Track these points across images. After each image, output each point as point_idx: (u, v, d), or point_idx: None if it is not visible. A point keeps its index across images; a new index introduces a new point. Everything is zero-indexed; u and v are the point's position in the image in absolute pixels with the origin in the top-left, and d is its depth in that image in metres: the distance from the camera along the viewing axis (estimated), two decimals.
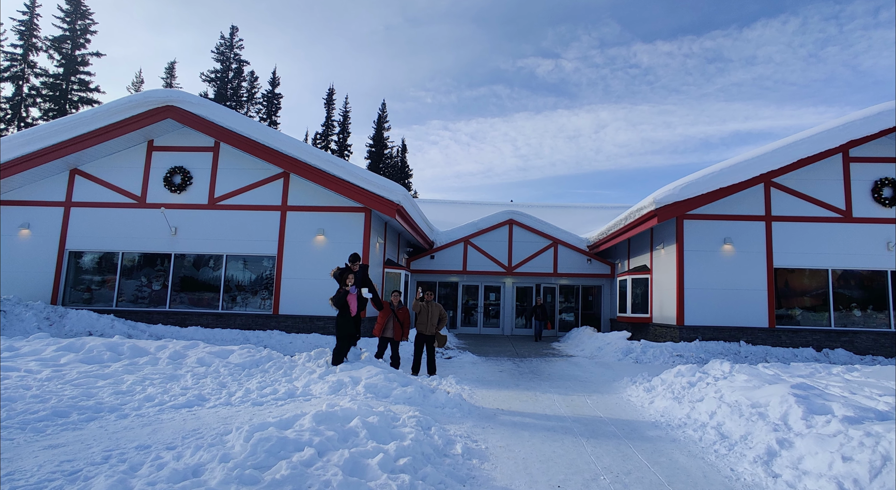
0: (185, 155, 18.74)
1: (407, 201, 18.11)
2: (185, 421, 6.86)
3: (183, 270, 18.31)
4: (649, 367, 14.33)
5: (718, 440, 6.94)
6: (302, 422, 6.09)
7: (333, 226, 17.90)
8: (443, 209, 35.44)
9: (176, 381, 9.29)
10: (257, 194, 18.34)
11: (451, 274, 26.91)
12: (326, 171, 17.13)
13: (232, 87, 56.95)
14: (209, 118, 17.70)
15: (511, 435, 7.23)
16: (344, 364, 10.30)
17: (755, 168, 17.03)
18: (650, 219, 17.57)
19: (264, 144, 17.46)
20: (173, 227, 18.18)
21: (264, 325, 17.48)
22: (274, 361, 11.22)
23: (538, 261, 26.63)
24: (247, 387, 9.10)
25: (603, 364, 15.26)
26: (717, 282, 17.35)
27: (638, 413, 8.86)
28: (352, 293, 10.92)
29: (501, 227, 27.01)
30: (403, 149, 68.08)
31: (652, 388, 10.22)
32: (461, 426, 7.53)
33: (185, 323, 17.68)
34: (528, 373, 13.31)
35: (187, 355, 11.23)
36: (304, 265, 17.72)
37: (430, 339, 12.22)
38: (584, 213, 35.69)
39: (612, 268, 26.33)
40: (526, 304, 27.48)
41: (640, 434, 7.49)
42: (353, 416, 6.44)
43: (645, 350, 16.36)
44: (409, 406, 8.05)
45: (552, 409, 9.05)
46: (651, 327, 19.59)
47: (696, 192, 16.74)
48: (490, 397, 9.91)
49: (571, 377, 12.72)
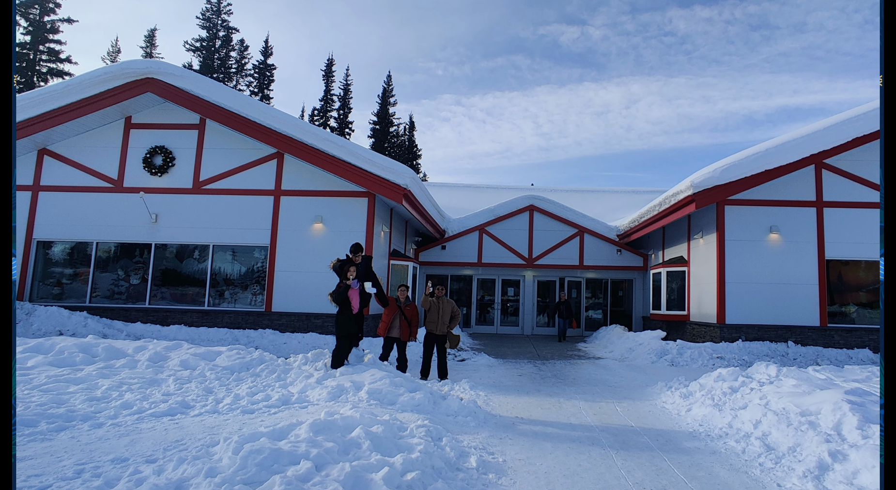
0: (167, 133, 18.79)
1: (415, 185, 18.09)
2: (166, 431, 6.90)
3: (164, 262, 18.40)
4: (686, 371, 14.29)
5: (764, 452, 6.91)
6: (298, 432, 6.10)
7: (333, 212, 17.93)
8: (455, 194, 35.41)
9: (157, 387, 9.33)
10: (248, 177, 18.39)
11: (464, 266, 26.91)
12: (325, 151, 17.13)
13: (219, 58, 57.03)
14: (194, 92, 17.72)
15: (531, 446, 7.23)
16: (345, 367, 10.33)
17: (805, 148, 16.87)
18: (687, 205, 17.48)
19: (255, 121, 17.47)
20: (154, 214, 18.26)
21: (255, 324, 17.57)
22: (266, 364, 11.26)
23: (562, 251, 26.58)
24: (236, 393, 9.14)
25: (634, 367, 15.25)
26: (762, 275, 17.25)
27: (674, 422, 8.84)
28: (353, 288, 10.93)
29: (521, 214, 26.97)
30: (411, 126, 68.13)
31: (689, 393, 10.20)
32: (476, 437, 7.53)
33: (167, 321, 17.79)
34: (550, 377, 13.30)
35: (169, 357, 11.28)
36: (301, 256, 17.78)
37: (440, 340, 12.23)
38: (613, 199, 35.55)
39: (645, 259, 26.26)
40: (548, 299, 27.46)
41: (675, 445, 7.47)
42: (354, 426, 6.46)
43: (681, 351, 16.33)
44: (418, 414, 8.06)
45: (578, 417, 9.04)
46: (688, 326, 19.54)
47: (739, 175, 16.62)
48: (508, 404, 9.91)
49: (599, 382, 12.72)
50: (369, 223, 17.75)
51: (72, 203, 18.54)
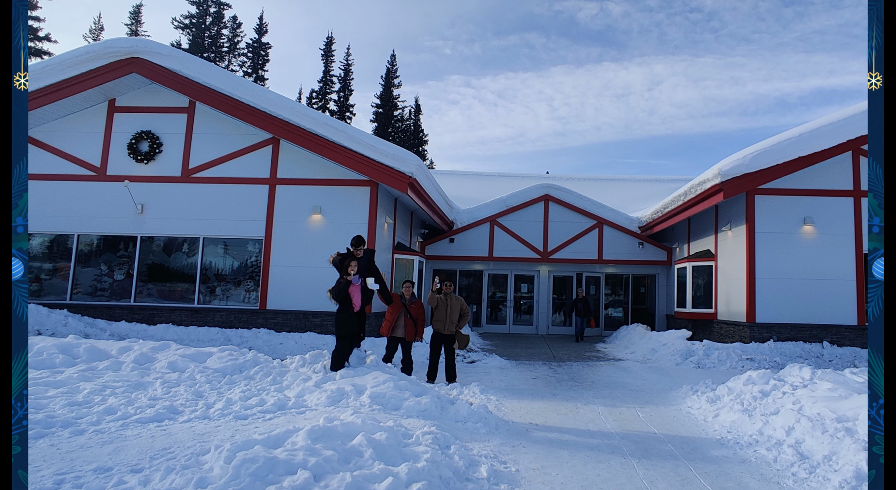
0: (154, 117, 18.82)
1: (421, 173, 18.08)
2: (153, 438, 6.90)
3: (151, 257, 18.46)
4: (713, 373, 14.29)
5: (797, 461, 6.90)
6: (295, 439, 6.11)
7: (333, 203, 17.94)
8: (464, 182, 35.39)
9: (142, 391, 9.35)
10: (241, 165, 18.42)
11: (474, 260, 26.92)
12: (324, 136, 17.13)
13: (210, 36, 57.10)
14: (182, 73, 17.73)
15: (547, 455, 7.23)
16: (345, 369, 10.33)
17: (841, 132, 16.76)
18: (715, 194, 17.42)
19: (249, 104, 17.48)
20: (139, 205, 18.30)
21: (249, 323, 17.62)
22: (261, 366, 11.27)
23: (579, 245, 26.55)
24: (228, 397, 9.15)
25: (657, 369, 15.24)
26: (795, 270, 17.18)
27: (700, 428, 8.84)
28: (355, 284, 10.91)
29: (535, 204, 26.95)
30: (417, 110, 68.08)
31: (717, 398, 10.18)
32: (487, 444, 7.54)
33: (154, 320, 17.86)
34: (567, 380, 13.32)
35: (156, 359, 11.30)
36: (298, 250, 17.80)
37: (448, 340, 12.24)
38: (634, 188, 35.48)
39: (669, 253, 26.21)
40: (565, 296, 27.46)
41: (702, 454, 7.47)
42: (356, 433, 6.46)
43: (708, 352, 16.31)
44: (424, 420, 8.06)
45: (596, 423, 9.05)
46: (715, 325, 19.51)
47: (771, 162, 16.55)
48: (521, 409, 9.92)
49: (619, 385, 12.74)
50: (372, 214, 17.75)
51: (51, 192, 18.55)
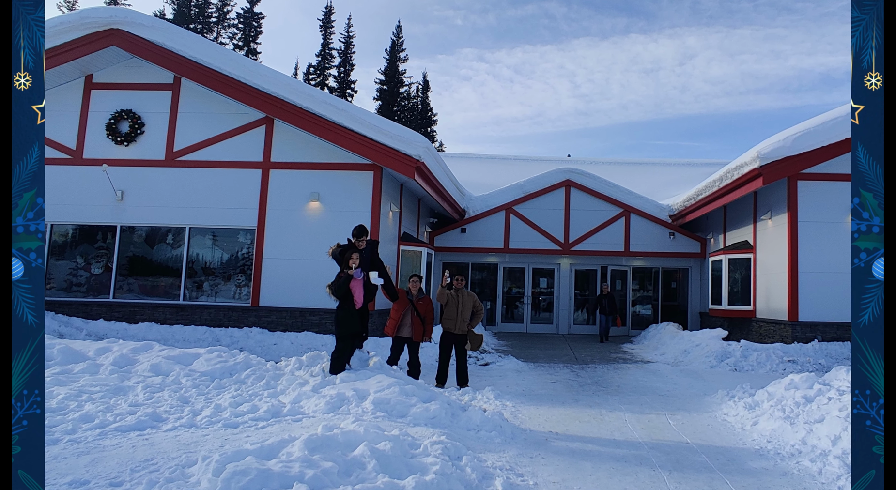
0: (136, 95, 18.86)
1: (430, 156, 18.06)
2: (134, 448, 6.93)
3: (132, 248, 18.52)
4: (752, 377, 14.24)
5: (844, 473, 6.86)
6: (290, 449, 6.13)
7: (332, 189, 17.95)
8: (478, 167, 35.34)
9: (122, 396, 9.36)
10: (231, 147, 18.44)
11: (488, 253, 26.92)
12: (322, 115, 17.12)
13: (197, 5, 57.15)
14: (166, 45, 17.73)
15: (568, 467, 7.23)
16: (346, 373, 10.35)
17: None
18: (753, 179, 17.36)
19: (240, 80, 17.48)
20: (119, 191, 18.33)
21: (240, 321, 17.67)
22: (253, 369, 11.29)
23: (604, 235, 26.49)
24: (217, 403, 9.16)
25: (690, 372, 15.24)
26: (842, 263, 17.00)
27: (737, 438, 8.83)
28: (356, 279, 10.91)
29: (556, 191, 26.91)
30: (425, 87, 67.99)
31: (756, 404, 10.16)
32: (502, 455, 7.55)
33: (135, 318, 17.92)
34: (590, 384, 13.34)
35: (138, 361, 11.33)
36: (294, 241, 17.83)
37: (460, 340, 12.25)
38: (665, 172, 35.36)
39: (703, 244, 26.12)
40: (588, 292, 27.45)
41: (739, 466, 7.46)
42: (358, 442, 6.48)
43: (746, 354, 16.29)
44: (433, 428, 8.07)
45: (623, 432, 9.05)
46: (754, 323, 19.45)
47: (815, 144, 16.46)
48: (540, 417, 9.94)
49: (648, 390, 12.75)
50: (375, 202, 17.76)
51: None
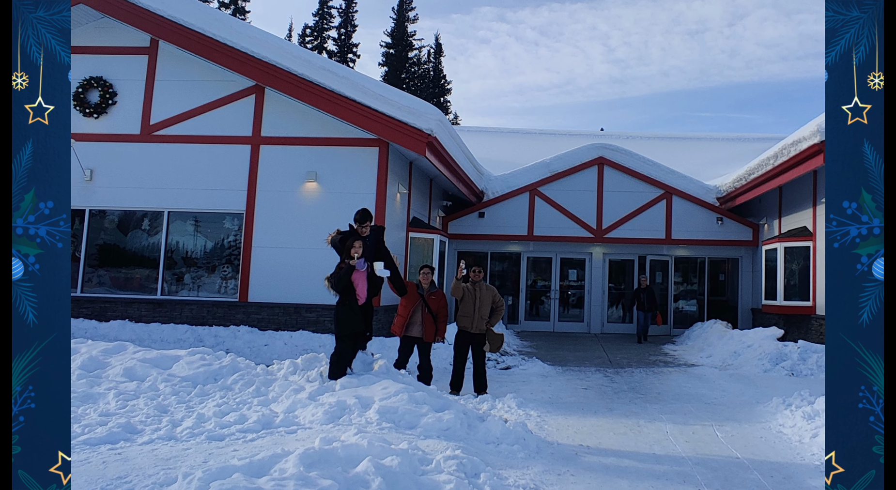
0: (107, 60, 18.90)
1: (443, 130, 17.98)
2: (105, 464, 6.93)
3: (103, 235, 18.57)
4: (811, 382, 14.16)
5: None
6: (283, 465, 6.11)
7: (331, 167, 17.93)
8: (498, 142, 35.28)
9: (92, 404, 9.39)
10: (216, 119, 18.45)
11: (509, 240, 26.89)
12: (320, 84, 17.08)
13: None
14: (141, 3, 17.76)
15: (601, 485, 7.20)
16: (347, 377, 10.34)
17: None
18: (813, 156, 17.17)
19: (226, 43, 17.47)
20: (88, 170, 18.35)
21: (227, 319, 17.70)
22: (241, 374, 11.30)
23: (642, 220, 26.42)
24: (200, 412, 9.16)
25: (740, 377, 15.19)
26: None
27: (794, 452, 8.77)
28: (359, 270, 10.90)
29: (587, 170, 26.80)
30: (438, 51, 68.05)
31: (816, 413, 10.06)
32: (525, 472, 7.50)
33: (107, 315, 17.95)
34: (626, 391, 13.32)
35: (109, 364, 11.35)
36: (288, 227, 17.83)
37: (477, 340, 12.20)
38: (712, 149, 35.21)
39: (755, 231, 25.99)
40: (624, 286, 27.45)
41: (797, 484, 7.40)
42: (361, 457, 6.45)
43: (805, 356, 16.24)
44: (447, 441, 8.05)
45: (663, 445, 9.01)
46: (814, 321, 19.36)
47: None
48: (569, 428, 9.91)
49: (693, 397, 12.71)
50: (381, 182, 17.74)
51: None
